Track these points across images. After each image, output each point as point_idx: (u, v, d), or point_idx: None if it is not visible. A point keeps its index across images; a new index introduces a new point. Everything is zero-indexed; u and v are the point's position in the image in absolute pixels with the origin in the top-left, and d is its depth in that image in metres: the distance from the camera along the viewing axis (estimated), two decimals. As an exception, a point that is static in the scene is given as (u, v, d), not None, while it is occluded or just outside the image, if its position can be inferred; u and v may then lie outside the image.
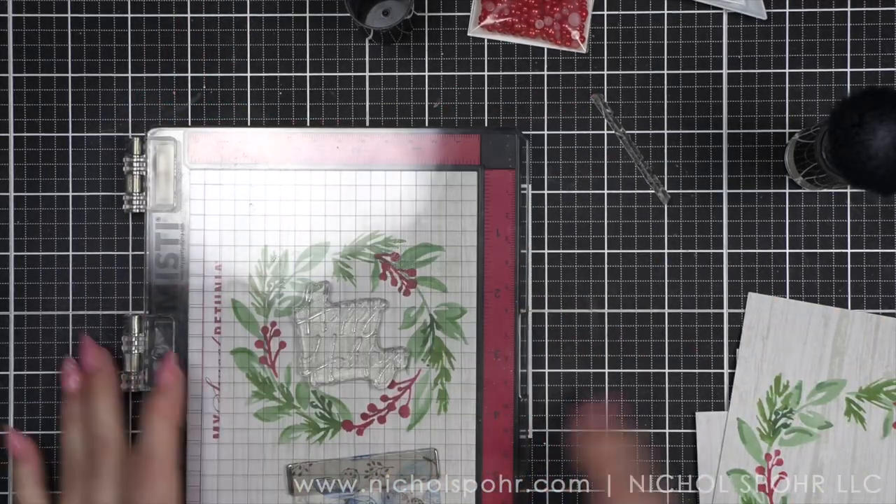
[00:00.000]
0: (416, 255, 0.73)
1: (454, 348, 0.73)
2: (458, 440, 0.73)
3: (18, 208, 0.75)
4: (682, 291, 0.75)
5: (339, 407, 0.73)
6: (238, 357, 0.73)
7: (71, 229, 0.75)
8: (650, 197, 0.75)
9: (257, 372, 0.73)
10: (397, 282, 0.74)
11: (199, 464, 0.73)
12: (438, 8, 0.75)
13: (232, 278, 0.73)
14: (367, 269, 0.74)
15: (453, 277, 0.73)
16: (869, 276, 0.74)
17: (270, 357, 0.73)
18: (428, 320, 0.73)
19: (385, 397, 0.73)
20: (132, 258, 0.75)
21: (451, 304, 0.73)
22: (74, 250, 0.75)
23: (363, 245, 0.73)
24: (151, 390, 0.72)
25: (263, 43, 0.75)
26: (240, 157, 0.73)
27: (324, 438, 0.73)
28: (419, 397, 0.73)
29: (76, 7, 0.75)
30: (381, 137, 0.74)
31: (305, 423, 0.73)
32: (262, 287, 0.73)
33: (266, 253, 0.73)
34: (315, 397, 0.73)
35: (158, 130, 0.73)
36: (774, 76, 0.75)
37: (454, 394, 0.73)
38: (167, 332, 0.73)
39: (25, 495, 0.71)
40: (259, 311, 0.73)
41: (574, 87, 0.75)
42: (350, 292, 0.73)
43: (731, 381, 0.74)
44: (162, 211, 0.73)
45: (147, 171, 0.73)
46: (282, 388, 0.73)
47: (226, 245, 0.73)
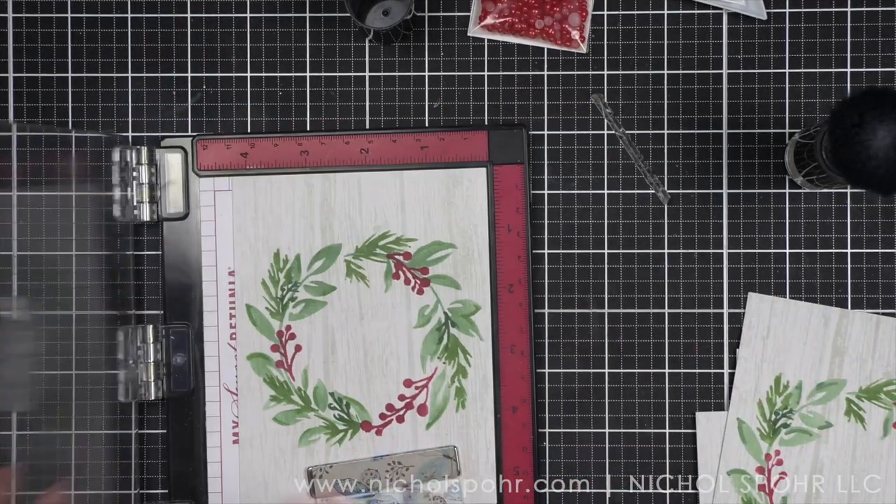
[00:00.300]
0: (428, 254, 0.74)
1: (470, 345, 0.73)
2: (478, 436, 0.73)
3: (21, 207, 0.75)
4: (682, 291, 0.75)
5: (358, 408, 0.73)
6: (254, 362, 0.74)
7: (74, 229, 0.75)
8: (650, 197, 0.75)
9: (274, 376, 0.73)
10: (410, 281, 0.74)
11: (219, 468, 0.73)
12: (438, 8, 0.76)
13: (245, 283, 0.74)
14: (379, 270, 0.74)
15: (466, 275, 0.73)
16: (869, 276, 0.74)
17: (287, 361, 0.74)
18: (442, 318, 0.74)
19: (403, 396, 0.74)
20: (133, 258, 0.75)
21: (465, 300, 0.74)
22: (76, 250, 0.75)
23: (375, 245, 0.74)
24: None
25: (263, 43, 0.75)
26: (248, 162, 0.74)
27: (343, 440, 0.73)
28: (437, 395, 0.73)
29: (76, 7, 0.75)
30: (388, 137, 0.74)
31: (324, 426, 0.73)
32: (276, 291, 0.74)
33: (278, 257, 0.73)
34: (333, 399, 0.73)
35: (167, 140, 0.74)
36: (774, 76, 0.75)
37: (472, 390, 0.73)
38: (182, 340, 0.74)
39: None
40: (274, 315, 0.74)
41: (574, 87, 0.75)
42: (364, 292, 0.74)
43: (731, 381, 0.74)
44: (173, 219, 0.74)
45: (158, 179, 0.73)
46: (299, 391, 0.73)
47: (238, 250, 0.74)
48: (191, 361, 0.74)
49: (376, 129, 0.75)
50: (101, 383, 0.75)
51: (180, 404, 0.74)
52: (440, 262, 0.74)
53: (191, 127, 0.75)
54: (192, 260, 0.74)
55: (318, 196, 0.74)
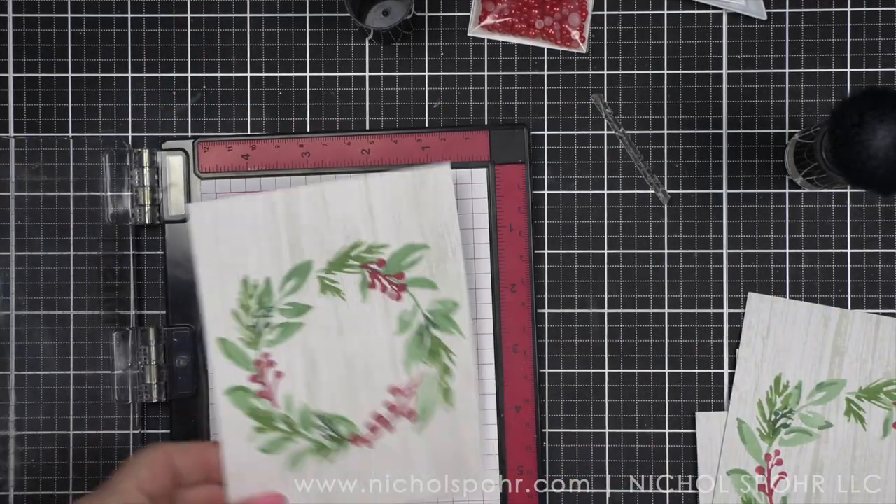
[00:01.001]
0: (402, 258, 0.71)
1: (452, 344, 0.72)
2: (469, 435, 0.71)
3: (19, 207, 0.75)
4: (682, 291, 0.75)
5: (345, 424, 0.71)
6: (234, 396, 0.70)
7: (72, 229, 0.75)
8: (650, 197, 0.75)
9: (256, 407, 0.70)
10: (387, 288, 0.72)
11: None
12: (438, 8, 0.75)
13: (214, 315, 0.70)
14: (354, 281, 0.71)
15: (441, 274, 0.71)
16: (869, 276, 0.74)
17: (269, 390, 0.70)
18: (423, 321, 0.72)
19: (390, 405, 0.72)
20: (135, 260, 0.75)
21: (444, 300, 0.72)
22: (75, 250, 0.75)
23: (347, 257, 0.71)
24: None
25: (263, 43, 0.75)
26: (250, 164, 0.74)
27: (335, 459, 0.71)
28: (424, 398, 0.71)
29: (76, 7, 0.75)
30: (389, 138, 0.74)
31: (312, 448, 0.71)
32: (248, 320, 0.70)
33: (246, 283, 0.70)
34: (320, 420, 0.71)
35: (168, 142, 0.73)
36: (774, 76, 0.75)
37: (458, 389, 0.71)
38: (185, 341, 0.73)
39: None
40: (249, 344, 0.70)
41: (574, 87, 0.75)
42: (342, 307, 0.71)
43: (731, 381, 0.74)
44: (174, 221, 0.74)
45: (159, 182, 0.73)
46: (285, 418, 0.70)
47: (203, 282, 0.70)
48: (193, 363, 0.74)
49: (377, 129, 0.75)
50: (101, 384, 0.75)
51: (183, 406, 0.74)
52: (415, 264, 0.71)
53: (191, 127, 0.75)
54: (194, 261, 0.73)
55: (282, 213, 0.70)
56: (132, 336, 0.73)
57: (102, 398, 0.74)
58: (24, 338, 0.74)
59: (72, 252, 0.75)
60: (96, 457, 0.74)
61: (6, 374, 0.74)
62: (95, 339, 0.74)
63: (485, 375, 0.75)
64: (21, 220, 0.75)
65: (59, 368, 0.74)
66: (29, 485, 0.74)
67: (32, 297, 0.75)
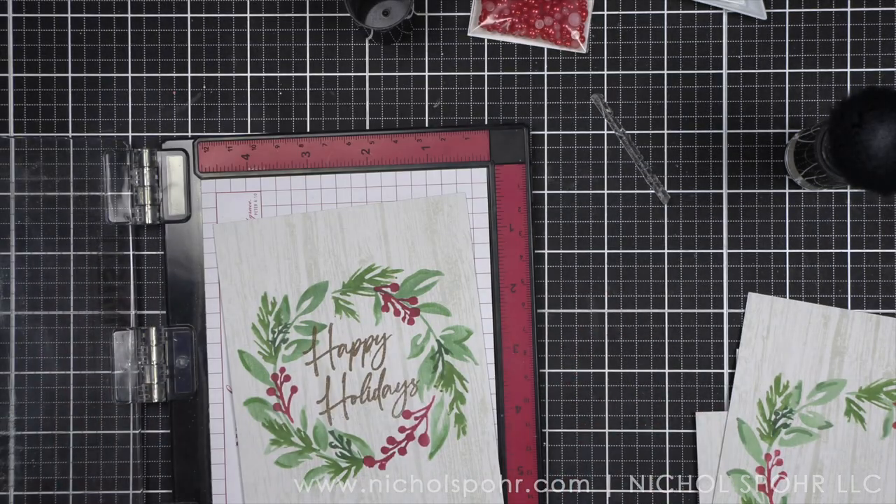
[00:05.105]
0: (415, 283, 0.73)
1: (465, 371, 0.73)
2: (481, 461, 0.73)
3: (19, 208, 0.75)
4: (682, 291, 0.75)
5: (359, 444, 0.73)
6: (252, 407, 0.73)
7: (72, 229, 0.75)
8: (650, 197, 0.75)
9: (273, 419, 0.73)
10: (400, 312, 0.73)
11: (223, 469, 0.73)
12: (438, 8, 0.75)
13: (235, 329, 0.73)
14: (368, 303, 0.73)
15: (455, 301, 0.73)
16: (869, 276, 0.75)
17: (284, 403, 0.73)
18: (435, 346, 0.73)
19: (403, 428, 0.73)
20: (135, 260, 0.75)
21: (457, 326, 0.73)
22: (75, 250, 0.75)
23: (361, 279, 0.73)
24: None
25: (263, 43, 0.75)
26: (250, 164, 0.74)
27: (347, 476, 0.73)
28: (437, 424, 0.73)
29: (76, 7, 0.75)
30: (389, 138, 0.74)
31: (327, 465, 0.73)
32: (267, 335, 0.73)
33: (266, 300, 0.73)
34: (333, 437, 0.73)
35: (168, 142, 0.74)
36: (774, 76, 0.75)
37: (471, 415, 0.73)
38: (185, 342, 0.74)
39: None
40: (267, 358, 0.73)
41: (574, 87, 0.75)
42: (355, 327, 0.73)
43: (731, 381, 0.74)
44: (175, 221, 0.74)
45: (159, 182, 0.73)
46: (299, 432, 0.73)
47: (225, 296, 0.73)
48: (194, 363, 0.74)
49: (377, 129, 0.75)
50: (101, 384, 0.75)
51: (184, 406, 0.74)
52: (428, 290, 0.73)
53: (191, 127, 0.75)
54: (195, 262, 0.74)
55: (301, 235, 0.73)
56: (132, 336, 0.73)
57: (102, 398, 0.74)
58: (24, 338, 0.74)
59: (72, 252, 0.75)
60: (96, 457, 0.74)
61: (6, 374, 0.74)
62: (95, 339, 0.74)
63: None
64: (21, 221, 0.75)
65: (59, 368, 0.74)
66: (29, 485, 0.74)
67: (32, 297, 0.74)
